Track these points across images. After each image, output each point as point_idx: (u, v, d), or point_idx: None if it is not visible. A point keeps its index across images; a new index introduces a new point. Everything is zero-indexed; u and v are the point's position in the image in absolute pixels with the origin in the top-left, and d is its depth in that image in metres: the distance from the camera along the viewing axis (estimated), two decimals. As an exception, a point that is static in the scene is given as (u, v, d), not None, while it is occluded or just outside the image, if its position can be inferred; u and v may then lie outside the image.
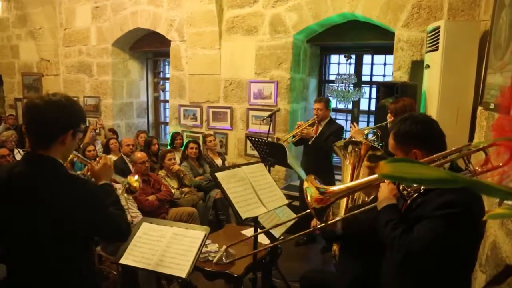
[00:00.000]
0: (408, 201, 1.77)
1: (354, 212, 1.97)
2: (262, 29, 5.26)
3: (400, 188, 1.74)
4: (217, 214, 4.86)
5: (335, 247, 2.61)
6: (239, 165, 2.43)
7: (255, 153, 5.33)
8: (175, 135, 5.65)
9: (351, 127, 4.07)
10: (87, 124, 6.64)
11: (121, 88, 7.00)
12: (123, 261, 2.28)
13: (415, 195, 1.73)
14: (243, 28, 5.39)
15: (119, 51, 6.83)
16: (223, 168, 2.34)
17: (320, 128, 4.41)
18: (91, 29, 6.90)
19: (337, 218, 2.06)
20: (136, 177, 2.09)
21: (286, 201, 2.56)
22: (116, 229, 1.70)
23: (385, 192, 1.79)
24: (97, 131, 6.41)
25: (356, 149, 2.11)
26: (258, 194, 2.36)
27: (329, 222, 2.03)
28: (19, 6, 7.82)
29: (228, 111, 5.59)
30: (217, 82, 5.65)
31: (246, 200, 2.28)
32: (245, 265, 2.84)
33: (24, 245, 1.57)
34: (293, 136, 4.39)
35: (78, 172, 1.94)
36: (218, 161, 5.31)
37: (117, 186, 2.43)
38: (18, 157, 5.46)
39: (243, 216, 2.19)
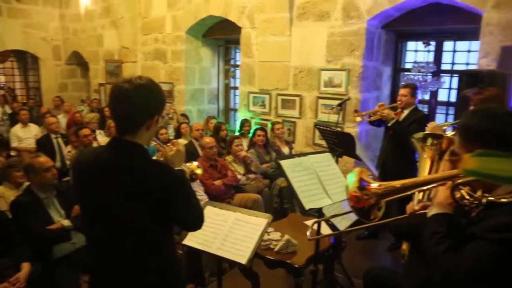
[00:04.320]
0: (474, 213, 1.47)
1: (398, 218, 1.75)
2: (334, 14, 5.07)
3: (457, 196, 1.43)
4: (282, 202, 4.84)
5: (404, 246, 2.45)
6: (305, 154, 2.36)
7: (323, 142, 5.21)
8: (243, 122, 5.72)
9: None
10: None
11: (193, 75, 7.22)
12: (186, 242, 2.34)
13: (479, 208, 1.42)
14: (314, 14, 5.24)
15: (192, 38, 7.02)
16: (289, 156, 2.29)
17: (403, 115, 4.11)
18: (166, 17, 7.17)
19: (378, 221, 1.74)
20: (196, 162, 2.09)
21: (353, 194, 2.44)
22: (195, 218, 1.68)
23: (440, 198, 1.51)
24: (170, 115, 6.68)
25: (436, 143, 1.90)
26: (323, 184, 2.28)
27: (374, 223, 1.67)
28: (105, -2, 8.37)
29: (297, 99, 5.50)
30: (286, 69, 5.58)
31: (311, 190, 2.22)
32: (306, 256, 2.79)
33: (109, 228, 1.57)
34: (371, 115, 4.14)
35: (154, 158, 1.96)
36: (285, 149, 5.28)
37: None
38: (99, 137, 5.88)
39: (307, 207, 2.13)
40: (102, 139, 5.60)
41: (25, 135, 6.64)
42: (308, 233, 2.02)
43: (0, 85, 9.64)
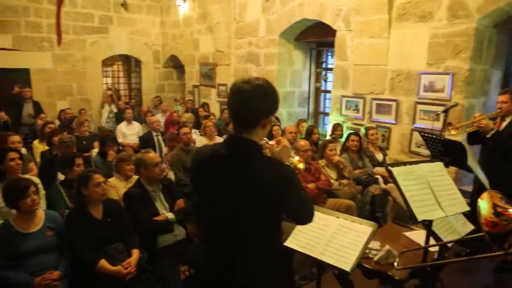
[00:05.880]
0: None
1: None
2: (439, 14, 4.75)
3: None
4: (373, 210, 4.66)
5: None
6: (416, 162, 2.24)
7: (421, 150, 4.94)
8: (336, 126, 5.64)
9: None
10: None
11: (285, 78, 7.28)
12: (288, 244, 2.36)
13: None
14: (415, 15, 4.97)
15: (285, 42, 7.09)
16: (399, 163, 2.19)
17: (504, 124, 3.76)
18: (260, 21, 7.33)
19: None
20: (297, 157, 2.10)
21: (467, 208, 2.26)
22: (307, 209, 1.73)
23: None
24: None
25: None
26: (436, 195, 2.14)
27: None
28: (201, 4, 8.86)
29: (394, 104, 5.26)
30: (383, 73, 5.37)
31: (423, 201, 2.10)
32: (408, 270, 2.64)
33: (224, 219, 1.67)
34: (467, 127, 3.84)
35: None
36: (379, 156, 5.09)
37: None
38: (194, 136, 6.20)
39: (419, 218, 2.01)
40: (197, 138, 5.90)
41: (129, 132, 7.27)
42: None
43: (109, 86, 10.64)
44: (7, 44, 8.69)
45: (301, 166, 2.08)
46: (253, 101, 1.58)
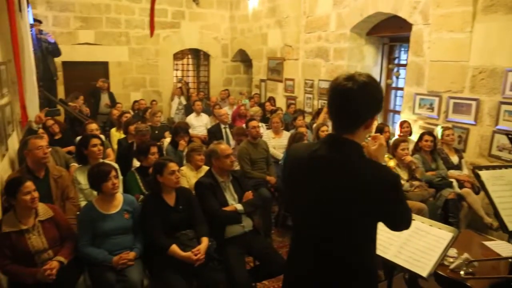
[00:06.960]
0: None
1: None
2: (534, 5, 4.33)
3: None
4: (446, 215, 4.40)
5: None
6: (506, 166, 2.07)
7: (503, 154, 4.56)
8: (402, 123, 5.42)
9: None
10: (321, 106, 7.05)
11: (355, 73, 7.06)
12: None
13: None
14: (506, 6, 4.54)
15: (356, 36, 6.86)
16: (488, 166, 2.04)
17: None
18: (331, 15, 7.17)
19: None
20: (387, 154, 1.99)
21: None
22: (407, 218, 1.62)
23: None
24: (329, 113, 6.68)
25: None
26: (529, 203, 1.97)
27: None
28: (271, -2, 8.87)
29: (474, 103, 4.89)
30: (463, 69, 5.01)
31: (514, 208, 1.94)
32: (489, 282, 2.46)
33: (319, 224, 1.58)
34: None
35: None
36: (454, 158, 4.77)
37: None
38: (261, 130, 6.24)
39: (510, 227, 1.86)
40: (264, 132, 5.94)
41: (197, 123, 7.52)
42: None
43: (179, 79, 11.07)
44: (90, 39, 9.39)
45: (392, 164, 1.97)
46: (358, 102, 1.46)
